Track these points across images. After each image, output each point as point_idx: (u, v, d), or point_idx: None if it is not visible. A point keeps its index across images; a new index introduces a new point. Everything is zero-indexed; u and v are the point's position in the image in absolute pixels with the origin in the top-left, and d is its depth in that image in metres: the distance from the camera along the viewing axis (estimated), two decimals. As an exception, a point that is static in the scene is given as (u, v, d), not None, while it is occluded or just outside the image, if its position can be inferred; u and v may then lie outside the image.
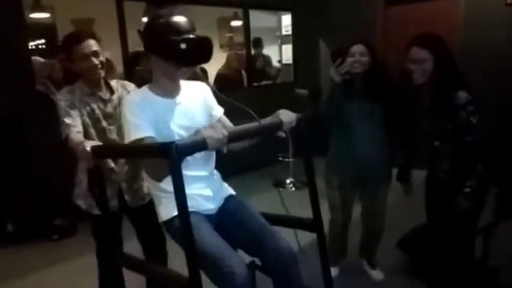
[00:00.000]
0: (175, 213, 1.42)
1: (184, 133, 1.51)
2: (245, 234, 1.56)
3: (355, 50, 2.20)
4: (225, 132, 1.28)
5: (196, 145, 1.26)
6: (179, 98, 1.58)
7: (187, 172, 1.51)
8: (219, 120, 1.68)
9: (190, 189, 1.53)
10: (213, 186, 1.64)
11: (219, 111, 1.71)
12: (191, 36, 1.42)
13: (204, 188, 1.60)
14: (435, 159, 2.02)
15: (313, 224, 1.64)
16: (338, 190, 2.37)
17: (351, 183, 2.35)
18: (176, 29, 1.41)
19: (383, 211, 2.44)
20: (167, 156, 1.17)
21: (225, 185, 1.74)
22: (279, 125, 1.49)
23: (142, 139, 1.42)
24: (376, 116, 2.21)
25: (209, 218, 1.58)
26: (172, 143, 1.16)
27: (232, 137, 1.33)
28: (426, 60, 1.89)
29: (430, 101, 1.96)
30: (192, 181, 1.55)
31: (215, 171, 1.71)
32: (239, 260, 1.39)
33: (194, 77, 1.63)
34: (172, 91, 1.57)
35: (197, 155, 1.49)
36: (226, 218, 1.62)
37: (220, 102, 1.69)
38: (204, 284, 1.24)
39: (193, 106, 1.61)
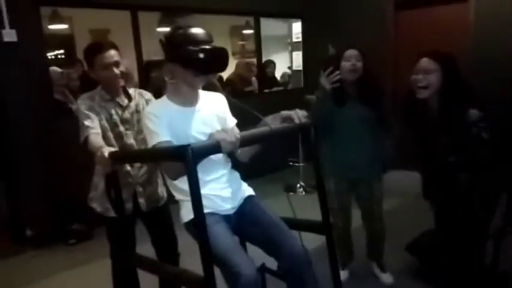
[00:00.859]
0: (192, 215, 1.50)
1: (202, 139, 1.56)
2: (261, 236, 1.61)
3: (350, 54, 2.24)
4: (238, 135, 1.36)
5: (211, 148, 1.33)
6: (198, 106, 1.66)
7: (204, 174, 1.59)
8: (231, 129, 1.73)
9: (208, 191, 1.61)
10: (231, 187, 1.68)
11: (232, 122, 1.77)
12: (208, 46, 1.50)
13: (221, 189, 1.65)
14: (450, 175, 1.98)
15: (322, 227, 1.67)
16: (334, 194, 2.41)
17: (346, 186, 2.39)
18: (194, 40, 1.50)
19: (380, 212, 2.45)
20: (183, 159, 1.22)
21: (244, 185, 1.78)
22: (296, 128, 1.56)
23: (160, 143, 1.51)
24: (366, 120, 2.27)
25: (227, 218, 1.63)
26: (188, 145, 1.22)
27: (245, 140, 1.40)
28: (434, 72, 1.88)
29: (438, 117, 1.93)
30: (209, 183, 1.62)
31: (234, 172, 1.76)
32: (248, 261, 1.44)
33: (211, 87, 1.71)
34: (191, 100, 1.64)
35: (213, 157, 1.55)
36: (243, 219, 1.67)
37: (232, 109, 1.77)
38: (218, 284, 1.28)
39: (210, 115, 1.67)
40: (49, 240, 3.49)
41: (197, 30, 1.52)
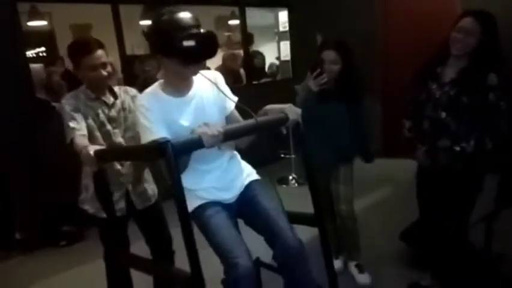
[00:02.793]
0: (194, 206, 1.55)
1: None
2: (260, 225, 1.59)
3: (327, 57, 2.24)
4: (220, 129, 1.31)
5: (191, 143, 1.29)
6: (191, 95, 1.56)
7: (200, 166, 1.57)
8: (232, 113, 1.66)
9: (205, 183, 1.59)
10: (230, 175, 1.65)
11: (231, 103, 1.66)
12: (195, 31, 1.40)
13: (219, 179, 1.62)
14: (438, 130, 1.98)
15: (314, 219, 1.66)
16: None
17: (322, 170, 2.37)
18: (179, 26, 1.39)
19: (348, 196, 2.41)
20: (163, 156, 1.19)
21: (247, 170, 1.73)
22: (284, 121, 1.51)
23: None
24: (344, 116, 2.31)
25: (228, 206, 1.62)
26: (167, 142, 1.18)
27: (229, 134, 1.35)
28: (475, 34, 1.87)
29: (458, 73, 1.93)
30: (205, 174, 1.60)
31: (234, 159, 1.71)
32: (246, 252, 1.44)
33: None
34: (182, 89, 1.55)
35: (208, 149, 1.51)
36: (244, 206, 1.65)
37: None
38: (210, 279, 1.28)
39: (205, 101, 1.58)
40: (39, 242, 3.43)
41: (182, 15, 1.41)
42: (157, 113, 1.48)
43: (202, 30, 1.42)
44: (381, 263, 2.68)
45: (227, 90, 1.65)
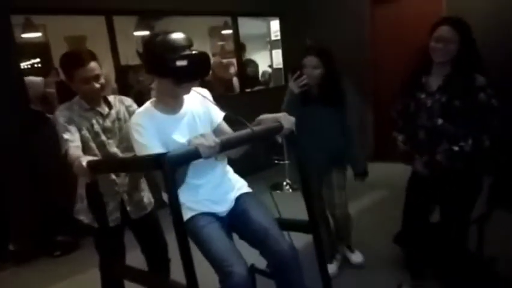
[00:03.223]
0: (187, 217, 1.56)
1: None
2: (252, 236, 1.61)
3: (308, 63, 2.32)
4: (217, 140, 1.32)
5: (189, 155, 1.29)
6: (183, 111, 1.61)
7: (193, 180, 1.59)
8: (219, 125, 1.71)
9: (199, 196, 1.62)
10: (222, 189, 1.67)
11: (219, 116, 1.72)
12: (187, 52, 1.44)
13: (213, 193, 1.64)
14: (435, 138, 1.99)
15: (308, 226, 1.67)
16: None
17: (313, 174, 2.40)
18: (172, 47, 1.43)
19: (342, 200, 2.49)
20: (160, 168, 1.20)
21: (239, 184, 1.76)
22: (279, 130, 1.54)
23: None
24: (330, 119, 2.38)
25: (221, 219, 1.64)
26: (164, 154, 1.20)
27: (226, 144, 1.36)
28: (454, 41, 1.90)
29: (444, 80, 1.96)
30: (199, 188, 1.62)
31: (227, 172, 1.75)
32: (240, 260, 1.45)
33: None
34: (175, 107, 1.60)
35: (204, 160, 1.55)
36: (236, 219, 1.67)
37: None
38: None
39: (196, 116, 1.63)
40: (33, 253, 3.41)
41: (175, 36, 1.45)
42: (152, 130, 1.51)
43: (194, 52, 1.46)
44: (375, 265, 2.70)
45: (214, 106, 1.70)
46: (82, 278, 2.96)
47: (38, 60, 5.66)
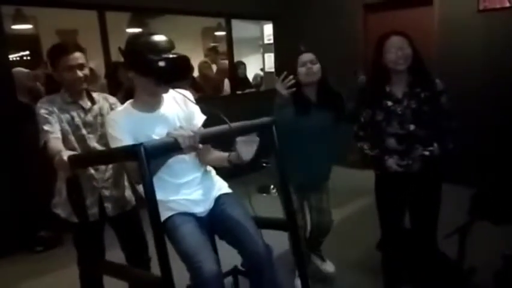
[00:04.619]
0: (165, 216, 1.55)
1: None
2: (229, 235, 1.63)
3: (306, 58, 2.23)
4: (195, 130, 1.35)
5: (166, 145, 1.30)
6: (161, 110, 1.63)
7: (173, 179, 1.61)
8: (199, 129, 1.70)
9: (178, 195, 1.62)
10: (203, 189, 1.68)
11: (199, 119, 1.74)
12: (169, 55, 1.47)
13: (192, 193, 1.65)
14: (406, 143, 2.06)
15: (286, 224, 1.70)
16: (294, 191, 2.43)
17: (301, 181, 2.40)
18: (155, 48, 1.46)
19: (329, 209, 2.49)
20: (136, 158, 1.20)
21: (218, 184, 1.78)
22: (257, 127, 1.57)
23: None
24: (325, 120, 2.29)
25: (200, 219, 1.64)
26: (140, 144, 1.20)
27: (205, 136, 1.39)
28: (408, 47, 2.02)
29: (408, 86, 2.06)
30: (178, 188, 1.62)
31: (208, 173, 1.75)
32: (210, 257, 1.46)
33: None
34: (153, 105, 1.62)
35: (187, 159, 1.57)
36: (215, 218, 1.68)
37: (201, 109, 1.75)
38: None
39: (174, 116, 1.65)
40: (15, 248, 3.37)
41: (158, 38, 1.49)
42: (126, 127, 1.53)
43: (174, 55, 1.48)
44: (357, 272, 2.72)
45: (195, 108, 1.73)
46: (63, 274, 2.91)
47: (27, 52, 5.58)
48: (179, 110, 1.68)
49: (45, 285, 2.90)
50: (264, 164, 4.80)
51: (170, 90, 1.64)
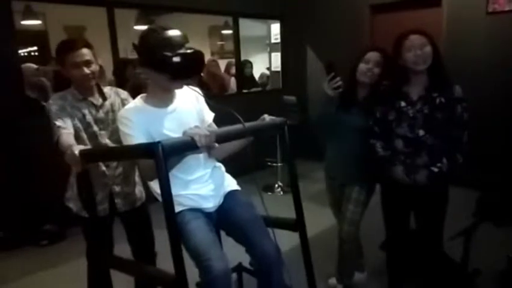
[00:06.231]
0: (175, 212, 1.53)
1: None
2: (238, 233, 1.62)
3: (369, 57, 2.15)
4: (211, 129, 1.36)
5: (183, 144, 1.30)
6: (173, 106, 1.63)
7: (184, 175, 1.61)
8: (209, 126, 1.72)
9: (188, 190, 1.62)
10: (213, 184, 1.68)
11: (209, 116, 1.76)
12: (183, 51, 1.46)
13: (203, 188, 1.65)
14: (414, 149, 1.99)
15: (295, 224, 1.69)
16: (326, 191, 2.46)
17: (337, 185, 2.37)
18: (169, 44, 1.45)
19: (352, 217, 2.27)
20: (152, 156, 1.20)
21: (228, 180, 1.78)
22: (272, 127, 1.59)
23: None
24: (367, 122, 2.17)
25: (209, 215, 1.64)
26: (158, 142, 1.20)
27: (221, 135, 1.39)
28: (427, 45, 1.92)
29: (425, 90, 1.96)
30: (189, 183, 1.63)
31: (218, 169, 1.76)
32: (220, 255, 1.46)
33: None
34: (165, 101, 1.62)
35: (196, 156, 1.56)
36: (224, 215, 1.68)
37: (211, 107, 1.77)
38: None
39: (187, 113, 1.65)
40: (20, 241, 3.39)
41: (172, 33, 1.48)
42: (140, 124, 1.53)
43: (189, 51, 1.48)
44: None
45: (205, 105, 1.75)
46: (67, 268, 2.96)
47: (35, 48, 5.63)
48: (191, 106, 1.69)
49: (50, 278, 2.92)
50: (269, 163, 4.82)
51: (182, 90, 1.65)
